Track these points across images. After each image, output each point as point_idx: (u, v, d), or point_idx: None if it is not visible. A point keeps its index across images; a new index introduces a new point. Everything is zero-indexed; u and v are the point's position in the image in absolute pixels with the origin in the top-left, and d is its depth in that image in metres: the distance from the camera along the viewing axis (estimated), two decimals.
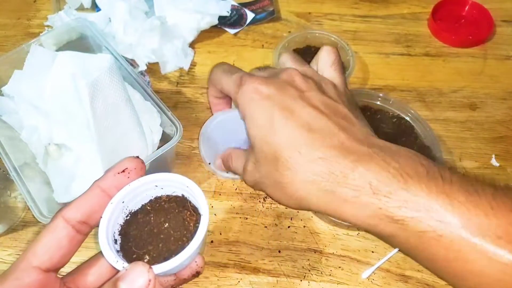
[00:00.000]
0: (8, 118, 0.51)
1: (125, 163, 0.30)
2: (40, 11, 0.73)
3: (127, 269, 0.25)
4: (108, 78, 0.44)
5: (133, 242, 0.30)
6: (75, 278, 0.30)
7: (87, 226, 0.28)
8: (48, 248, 0.26)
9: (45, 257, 0.26)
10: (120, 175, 0.29)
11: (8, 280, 0.25)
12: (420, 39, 0.67)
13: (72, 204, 0.27)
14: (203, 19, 0.66)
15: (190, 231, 0.30)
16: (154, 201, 0.33)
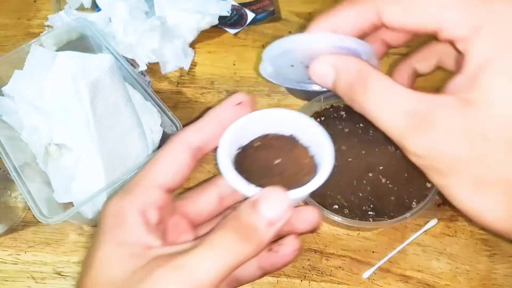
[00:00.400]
0: (9, 118, 0.51)
1: (240, 96, 0.29)
2: (40, 11, 0.73)
3: (266, 192, 0.25)
4: (108, 78, 0.44)
5: (245, 175, 0.28)
6: (185, 204, 0.29)
7: (200, 153, 0.28)
8: (169, 169, 0.26)
9: (167, 177, 0.26)
10: (236, 107, 0.29)
11: (133, 196, 0.25)
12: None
13: (191, 129, 0.27)
14: (203, 19, 0.66)
15: (304, 168, 0.29)
16: (263, 138, 0.31)
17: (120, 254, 0.24)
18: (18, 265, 0.49)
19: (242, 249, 0.23)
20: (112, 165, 0.46)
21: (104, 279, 0.23)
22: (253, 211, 0.24)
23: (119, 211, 0.25)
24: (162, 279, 0.22)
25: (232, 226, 0.23)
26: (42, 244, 0.50)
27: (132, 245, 0.24)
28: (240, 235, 0.23)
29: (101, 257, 0.24)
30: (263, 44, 0.68)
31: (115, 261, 0.23)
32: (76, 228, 0.51)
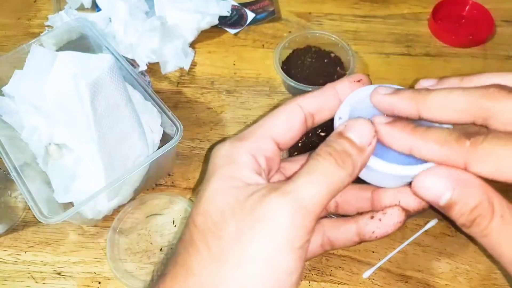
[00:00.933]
0: (9, 118, 0.51)
1: (360, 75, 0.30)
2: (40, 11, 0.73)
3: (350, 122, 0.26)
4: (108, 78, 0.44)
5: None
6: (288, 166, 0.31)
7: (311, 119, 0.29)
8: (284, 125, 0.28)
9: (281, 132, 0.28)
10: (355, 83, 0.29)
11: (247, 141, 0.27)
12: (421, 39, 0.67)
13: (309, 95, 0.29)
14: (204, 19, 0.66)
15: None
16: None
17: (227, 186, 0.25)
18: (18, 265, 0.49)
19: (339, 173, 0.25)
20: (112, 165, 0.46)
21: (211, 209, 0.25)
22: (343, 139, 0.26)
23: (231, 152, 0.27)
24: (272, 205, 0.23)
25: (327, 153, 0.25)
26: (42, 244, 0.50)
27: (240, 180, 0.25)
28: (336, 160, 0.25)
29: (209, 190, 0.26)
30: (263, 44, 0.68)
31: (222, 192, 0.25)
32: (76, 228, 0.51)
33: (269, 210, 0.23)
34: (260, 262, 0.23)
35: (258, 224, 0.23)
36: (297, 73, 0.61)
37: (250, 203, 0.24)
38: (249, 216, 0.24)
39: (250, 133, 0.28)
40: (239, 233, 0.23)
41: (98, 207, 0.48)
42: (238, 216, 0.24)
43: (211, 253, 0.24)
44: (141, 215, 0.51)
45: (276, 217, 0.23)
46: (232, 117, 0.60)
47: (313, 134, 0.53)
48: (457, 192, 0.23)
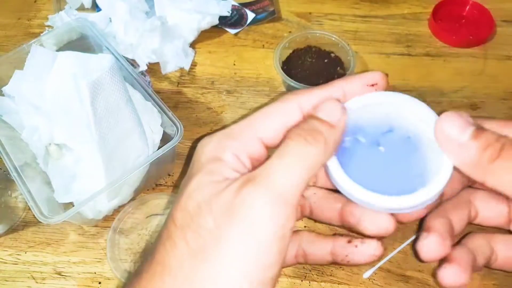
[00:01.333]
0: (9, 118, 0.51)
1: (376, 76, 0.28)
2: (40, 11, 0.73)
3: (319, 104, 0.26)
4: (109, 78, 0.44)
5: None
6: None
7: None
8: (275, 127, 0.27)
9: (271, 134, 0.27)
10: (368, 88, 0.28)
11: (234, 140, 0.26)
12: (421, 39, 0.67)
13: (309, 94, 0.27)
14: (204, 19, 0.66)
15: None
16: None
17: (206, 181, 0.25)
18: (19, 265, 0.49)
19: (311, 150, 0.24)
20: (113, 165, 0.46)
21: (189, 204, 0.24)
22: (311, 118, 0.26)
23: (216, 150, 0.26)
24: (248, 197, 0.23)
25: (296, 134, 0.25)
26: (43, 244, 0.50)
27: (220, 174, 0.25)
28: (306, 139, 0.24)
29: (190, 186, 0.25)
30: (263, 44, 0.68)
31: (201, 187, 0.25)
32: (77, 228, 0.51)
33: (245, 203, 0.23)
34: (239, 257, 0.22)
35: (236, 218, 0.23)
36: (297, 73, 0.61)
37: (227, 196, 0.23)
38: (226, 210, 0.23)
39: (238, 132, 0.27)
40: (217, 228, 0.23)
41: (98, 207, 0.48)
42: (215, 211, 0.23)
43: (189, 249, 0.23)
44: (142, 215, 0.51)
45: (253, 210, 0.23)
46: (232, 117, 0.60)
47: None
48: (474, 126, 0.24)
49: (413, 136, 0.28)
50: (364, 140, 0.28)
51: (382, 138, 0.28)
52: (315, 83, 0.60)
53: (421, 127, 0.27)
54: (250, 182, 0.23)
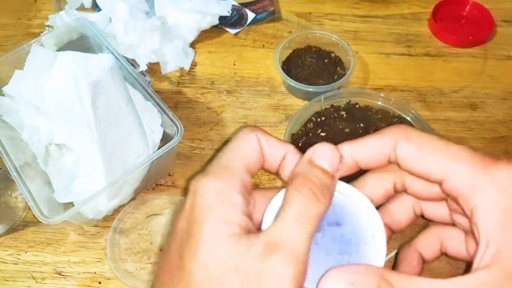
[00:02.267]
0: (9, 118, 0.51)
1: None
2: (40, 11, 0.73)
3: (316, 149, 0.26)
4: (109, 78, 0.44)
5: None
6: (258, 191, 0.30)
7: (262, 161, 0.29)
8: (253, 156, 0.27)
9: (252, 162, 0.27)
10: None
11: (231, 176, 0.26)
12: (421, 39, 0.67)
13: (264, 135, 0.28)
14: (204, 19, 0.66)
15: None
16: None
17: (225, 235, 0.24)
18: (19, 265, 0.49)
19: (320, 209, 0.24)
20: (113, 165, 0.46)
21: (211, 262, 0.23)
22: (316, 169, 0.26)
23: (223, 191, 0.25)
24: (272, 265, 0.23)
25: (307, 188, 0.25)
26: (43, 244, 0.50)
27: (237, 224, 0.24)
28: (317, 195, 0.24)
29: (206, 237, 0.24)
30: (263, 44, 0.68)
31: (221, 242, 0.24)
32: (77, 228, 0.51)
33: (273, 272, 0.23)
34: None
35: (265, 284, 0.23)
36: (297, 73, 0.61)
37: (253, 262, 0.23)
38: (254, 276, 0.23)
39: (229, 166, 0.26)
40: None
41: (98, 207, 0.48)
42: (241, 275, 0.23)
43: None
44: (142, 215, 0.51)
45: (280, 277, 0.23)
46: (232, 117, 0.60)
47: (313, 134, 0.53)
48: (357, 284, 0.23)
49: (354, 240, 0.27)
50: None
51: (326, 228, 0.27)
52: (315, 83, 0.60)
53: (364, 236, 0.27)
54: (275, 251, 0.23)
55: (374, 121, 0.54)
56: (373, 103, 0.56)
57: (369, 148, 0.28)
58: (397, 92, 0.61)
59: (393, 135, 0.27)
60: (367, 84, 0.62)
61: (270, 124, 0.59)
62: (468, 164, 0.25)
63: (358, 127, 0.53)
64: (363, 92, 0.57)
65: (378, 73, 0.64)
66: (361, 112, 0.55)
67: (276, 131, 0.58)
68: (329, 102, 0.56)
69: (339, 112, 0.55)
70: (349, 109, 0.56)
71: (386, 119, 0.54)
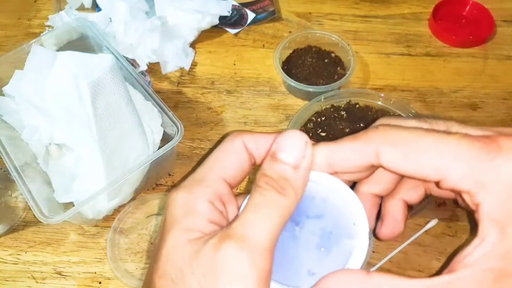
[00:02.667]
0: (9, 118, 0.51)
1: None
2: (40, 11, 0.73)
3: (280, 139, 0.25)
4: (109, 78, 0.44)
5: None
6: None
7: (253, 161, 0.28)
8: (233, 166, 0.27)
9: (231, 173, 0.27)
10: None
11: (202, 187, 0.26)
12: (421, 39, 0.67)
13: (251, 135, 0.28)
14: (204, 19, 0.66)
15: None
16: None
17: (183, 241, 0.24)
18: (19, 265, 0.49)
19: (283, 201, 0.24)
20: (113, 165, 0.46)
21: (169, 269, 0.23)
22: (275, 162, 0.25)
23: (188, 201, 0.25)
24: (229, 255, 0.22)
25: (266, 184, 0.24)
26: (43, 244, 0.50)
27: (198, 230, 0.24)
28: (276, 189, 0.24)
29: (166, 247, 0.24)
30: (263, 44, 0.68)
31: (179, 248, 0.24)
32: (77, 228, 0.51)
33: (226, 260, 0.22)
34: None
35: (220, 277, 0.22)
36: (298, 73, 0.61)
37: (206, 256, 0.23)
38: (209, 270, 0.22)
39: (203, 177, 0.26)
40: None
41: (98, 207, 0.48)
42: (197, 273, 0.23)
43: None
44: (142, 215, 0.51)
45: (234, 265, 0.22)
46: (232, 117, 0.60)
47: (313, 134, 0.53)
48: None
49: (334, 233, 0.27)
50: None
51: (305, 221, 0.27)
52: (315, 83, 0.60)
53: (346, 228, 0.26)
54: (228, 239, 0.23)
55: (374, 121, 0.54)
56: (373, 103, 0.56)
57: (347, 155, 0.26)
58: (397, 92, 0.61)
59: (373, 141, 0.25)
60: (367, 84, 0.62)
61: (270, 124, 0.59)
62: (467, 158, 0.23)
63: (358, 127, 0.53)
64: (363, 92, 0.57)
65: (378, 73, 0.64)
66: (361, 112, 0.55)
67: (276, 131, 0.58)
68: (329, 102, 0.56)
69: (339, 112, 0.55)
70: (349, 109, 0.56)
71: None
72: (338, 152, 0.26)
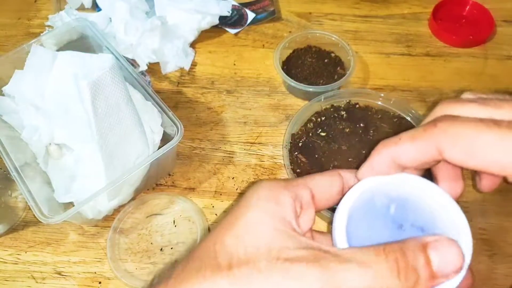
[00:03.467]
0: (9, 118, 0.51)
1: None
2: (40, 11, 0.73)
3: (440, 239, 0.23)
4: (109, 78, 0.44)
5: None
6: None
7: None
8: (324, 183, 0.28)
9: (320, 187, 0.28)
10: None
11: (289, 185, 0.27)
12: (421, 39, 0.67)
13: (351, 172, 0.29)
14: (204, 19, 0.66)
15: None
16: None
17: (269, 225, 0.24)
18: (19, 265, 0.49)
19: (391, 284, 0.22)
20: (113, 164, 0.46)
21: (247, 237, 0.24)
22: (421, 253, 0.22)
23: (273, 189, 0.26)
24: (308, 274, 0.22)
25: (393, 256, 0.22)
26: (43, 244, 0.50)
27: (283, 223, 0.24)
28: (398, 272, 0.22)
29: (249, 217, 0.25)
30: (263, 44, 0.68)
31: (264, 228, 0.24)
32: (77, 228, 0.51)
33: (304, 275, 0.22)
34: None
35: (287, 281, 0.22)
36: (298, 73, 0.61)
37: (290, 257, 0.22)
38: (283, 272, 0.22)
39: (289, 179, 0.28)
40: (266, 276, 0.22)
41: (98, 207, 0.48)
42: (271, 261, 0.22)
43: (232, 274, 0.22)
44: (142, 215, 0.51)
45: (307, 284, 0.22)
46: (232, 117, 0.60)
47: (313, 134, 0.53)
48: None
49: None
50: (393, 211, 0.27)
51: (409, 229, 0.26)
52: (315, 83, 0.60)
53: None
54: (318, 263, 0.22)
55: (374, 121, 0.54)
56: (373, 103, 0.56)
57: (409, 155, 0.26)
58: (397, 92, 0.61)
59: (434, 140, 0.24)
60: (367, 84, 0.62)
61: (270, 124, 0.59)
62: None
63: (359, 127, 0.53)
64: (363, 92, 0.57)
65: (378, 73, 0.64)
66: (361, 112, 0.55)
67: (276, 131, 0.58)
68: (329, 102, 0.56)
69: (339, 112, 0.55)
70: (349, 109, 0.56)
71: (386, 119, 0.54)
72: (399, 152, 0.26)
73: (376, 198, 0.27)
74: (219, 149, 0.57)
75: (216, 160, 0.56)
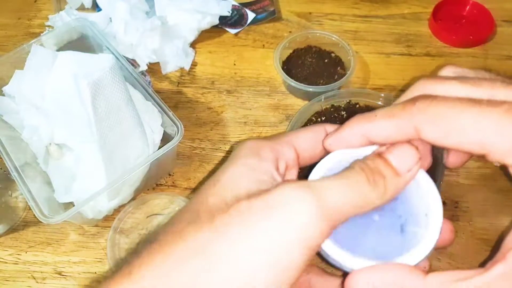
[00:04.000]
0: (9, 118, 0.51)
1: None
2: (41, 11, 0.73)
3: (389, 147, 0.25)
4: (109, 78, 0.44)
5: None
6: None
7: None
8: (308, 139, 0.28)
9: (304, 145, 0.28)
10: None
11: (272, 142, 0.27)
12: (421, 39, 0.67)
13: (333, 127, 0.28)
14: (204, 19, 0.66)
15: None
16: None
17: (250, 176, 0.25)
18: (19, 265, 0.49)
19: (368, 190, 0.23)
20: (113, 164, 0.46)
21: (226, 192, 0.24)
22: (379, 158, 0.25)
23: (256, 147, 0.26)
24: (293, 194, 0.22)
25: (359, 167, 0.24)
26: (43, 244, 0.50)
27: (263, 173, 0.25)
28: (367, 177, 0.24)
29: (227, 175, 0.25)
30: (263, 44, 0.68)
31: (244, 180, 0.24)
32: (77, 228, 0.51)
33: (289, 198, 0.22)
34: (263, 251, 0.22)
35: (274, 211, 0.22)
36: (298, 73, 0.61)
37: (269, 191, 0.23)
38: (265, 202, 0.22)
39: (275, 138, 0.27)
40: (250, 217, 0.22)
41: (98, 207, 0.48)
42: (253, 201, 0.23)
43: (213, 226, 0.22)
44: (142, 215, 0.51)
45: (295, 207, 0.22)
46: (232, 117, 0.60)
47: None
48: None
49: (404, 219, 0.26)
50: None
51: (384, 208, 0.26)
52: (315, 83, 0.60)
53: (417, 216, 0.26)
54: (303, 187, 0.23)
55: None
56: (373, 103, 0.56)
57: (384, 131, 0.26)
58: (397, 92, 0.61)
59: (412, 118, 0.24)
60: (367, 84, 0.62)
61: (270, 124, 0.59)
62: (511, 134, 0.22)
63: None
64: (363, 92, 0.57)
65: (378, 73, 0.64)
66: (361, 112, 0.55)
67: (276, 131, 0.58)
68: (329, 102, 0.56)
69: (339, 112, 0.55)
70: (349, 109, 0.56)
71: None
72: (374, 128, 0.26)
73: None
74: (219, 149, 0.57)
75: (216, 160, 0.56)
